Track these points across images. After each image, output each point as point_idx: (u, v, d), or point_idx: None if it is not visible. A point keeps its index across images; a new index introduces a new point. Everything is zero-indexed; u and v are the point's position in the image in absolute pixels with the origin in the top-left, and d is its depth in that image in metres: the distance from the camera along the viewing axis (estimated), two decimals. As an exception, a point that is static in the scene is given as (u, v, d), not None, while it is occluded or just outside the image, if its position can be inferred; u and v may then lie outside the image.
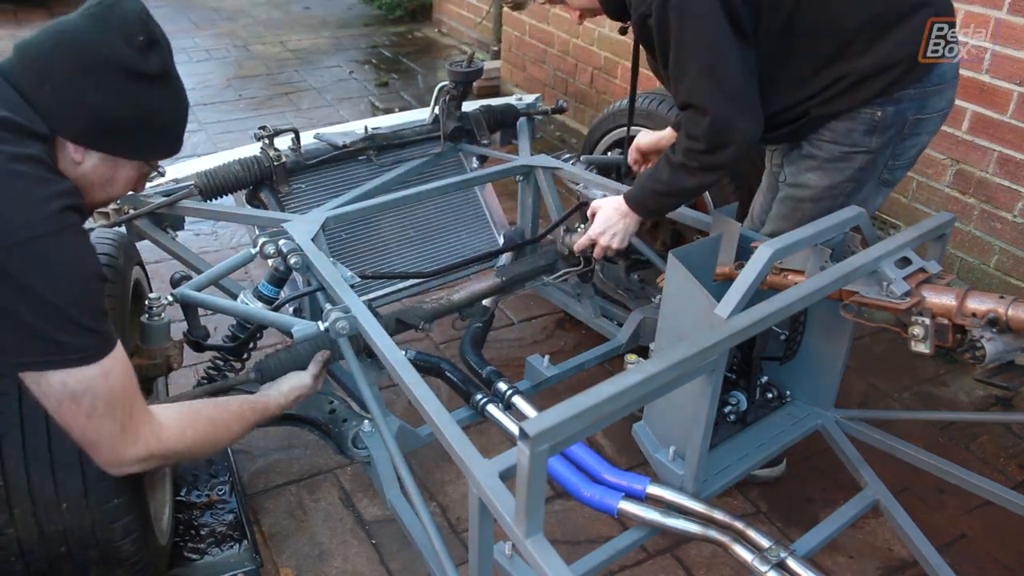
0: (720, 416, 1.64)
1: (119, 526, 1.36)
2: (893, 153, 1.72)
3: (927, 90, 1.67)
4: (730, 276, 1.60)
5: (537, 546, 1.07)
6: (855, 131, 1.68)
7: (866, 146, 1.69)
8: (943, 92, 1.70)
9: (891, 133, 1.68)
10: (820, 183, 1.76)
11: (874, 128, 1.67)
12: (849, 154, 1.70)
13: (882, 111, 1.65)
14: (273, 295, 1.86)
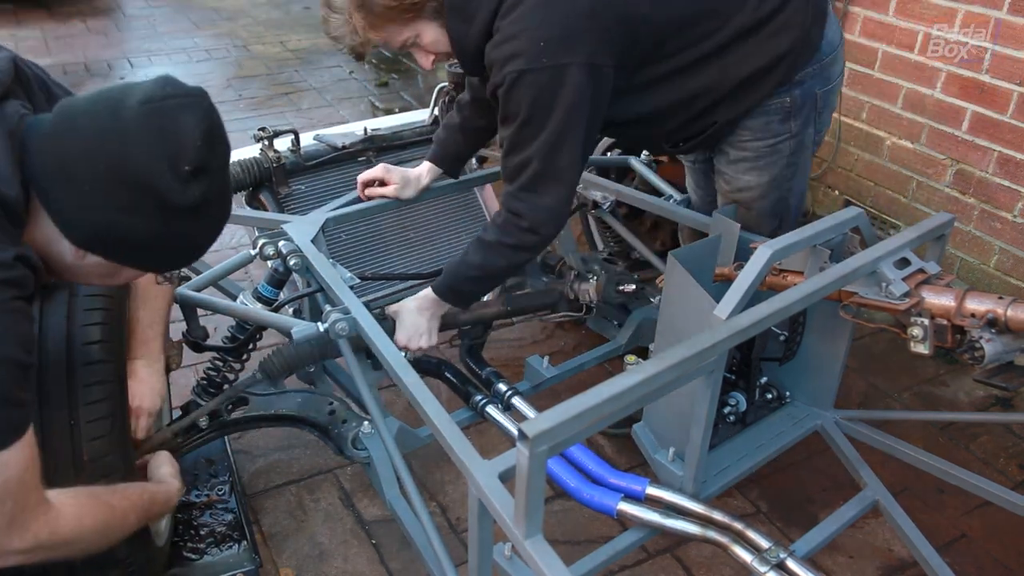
0: (720, 417, 1.64)
1: None
2: (816, 128, 1.76)
3: (823, 62, 1.68)
4: (729, 277, 1.60)
5: (536, 547, 1.07)
6: (772, 122, 1.69)
7: (788, 132, 1.71)
8: (837, 57, 1.73)
9: (806, 112, 1.70)
10: (760, 180, 1.77)
11: (788, 113, 1.69)
12: (775, 145, 1.73)
13: (790, 96, 1.67)
14: (272, 296, 1.86)
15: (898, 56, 2.81)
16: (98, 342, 1.35)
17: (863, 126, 3.03)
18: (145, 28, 6.05)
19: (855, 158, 3.09)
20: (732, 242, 1.63)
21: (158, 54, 5.45)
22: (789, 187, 1.80)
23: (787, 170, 1.76)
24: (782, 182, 1.78)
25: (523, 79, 1.47)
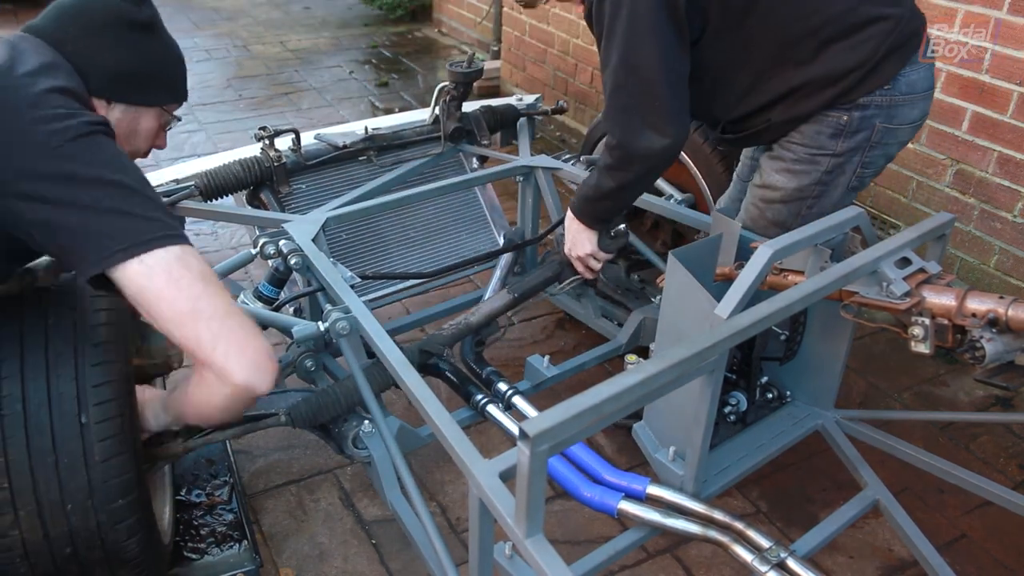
0: (720, 416, 1.64)
1: (124, 527, 1.36)
2: (863, 161, 1.73)
3: (895, 98, 1.66)
4: (730, 276, 1.60)
5: (537, 546, 1.07)
6: (822, 134, 1.69)
7: (832, 149, 1.70)
8: (914, 103, 1.70)
9: (859, 138, 1.68)
10: (788, 185, 1.77)
11: (840, 131, 1.67)
12: (815, 156, 1.71)
13: (848, 116, 1.66)
14: (273, 295, 1.86)
15: (898, 56, 2.81)
16: (105, 343, 1.35)
17: (863, 126, 3.03)
18: (145, 28, 6.04)
19: (855, 158, 3.09)
20: (733, 242, 1.63)
21: (158, 54, 5.44)
22: (810, 204, 1.78)
23: (815, 186, 1.75)
24: (807, 196, 1.77)
25: None
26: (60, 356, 1.32)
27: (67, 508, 1.31)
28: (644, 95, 1.60)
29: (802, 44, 1.62)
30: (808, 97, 1.66)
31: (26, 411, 1.29)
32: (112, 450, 1.32)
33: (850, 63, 1.61)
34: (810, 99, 1.66)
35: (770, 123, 1.73)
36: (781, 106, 1.69)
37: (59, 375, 1.31)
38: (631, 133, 1.64)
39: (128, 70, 1.37)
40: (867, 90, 1.63)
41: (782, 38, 1.63)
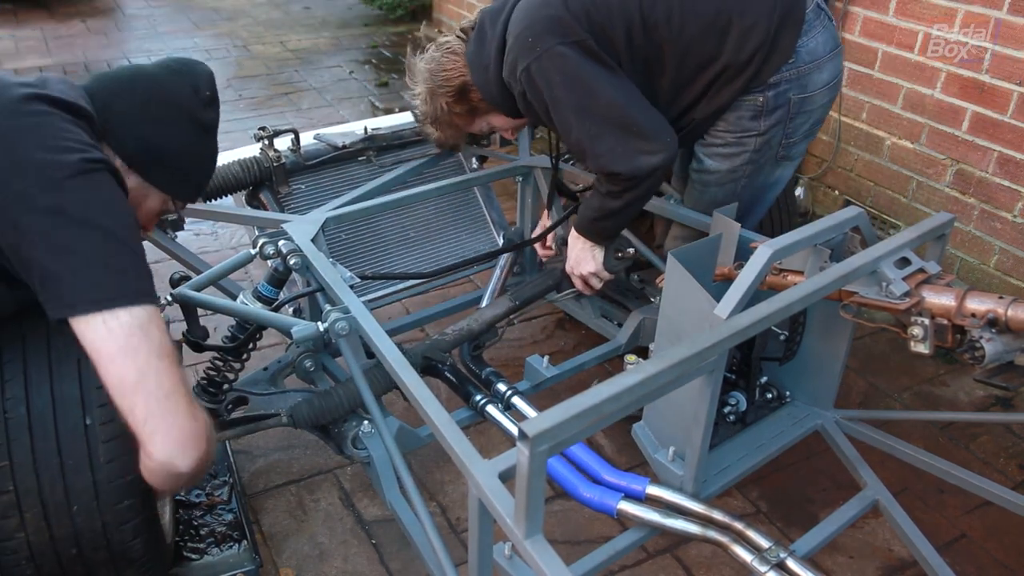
0: (720, 416, 1.64)
1: (129, 527, 1.37)
2: (785, 132, 1.83)
3: (801, 68, 1.76)
4: (730, 276, 1.60)
5: (537, 546, 1.07)
6: (743, 118, 1.79)
7: (756, 129, 1.80)
8: (822, 67, 1.79)
9: (778, 114, 1.78)
10: (721, 167, 1.88)
11: (759, 112, 1.77)
12: (742, 139, 1.82)
13: (763, 96, 1.76)
14: (273, 296, 1.86)
15: (898, 56, 2.81)
16: None
17: (863, 126, 3.03)
18: (145, 28, 6.05)
19: (855, 158, 3.09)
20: (732, 242, 1.63)
21: (158, 54, 5.45)
22: (745, 183, 1.89)
23: (747, 165, 1.86)
24: (740, 176, 1.88)
25: (530, 75, 1.69)
26: (63, 358, 1.32)
27: (72, 509, 1.31)
28: (619, 128, 1.69)
29: (704, 41, 1.70)
30: (722, 89, 1.75)
31: (30, 414, 1.29)
32: (117, 451, 1.32)
33: (750, 47, 1.69)
34: (724, 90, 1.75)
35: (694, 121, 1.82)
36: (702, 103, 1.78)
37: (62, 377, 1.31)
38: (627, 163, 1.70)
39: (166, 152, 1.38)
40: (773, 68, 1.72)
41: (686, 41, 1.70)
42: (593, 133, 1.69)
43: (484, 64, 1.80)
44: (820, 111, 1.86)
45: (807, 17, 1.75)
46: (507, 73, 1.75)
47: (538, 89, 1.70)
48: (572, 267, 2.02)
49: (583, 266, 2.00)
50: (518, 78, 1.71)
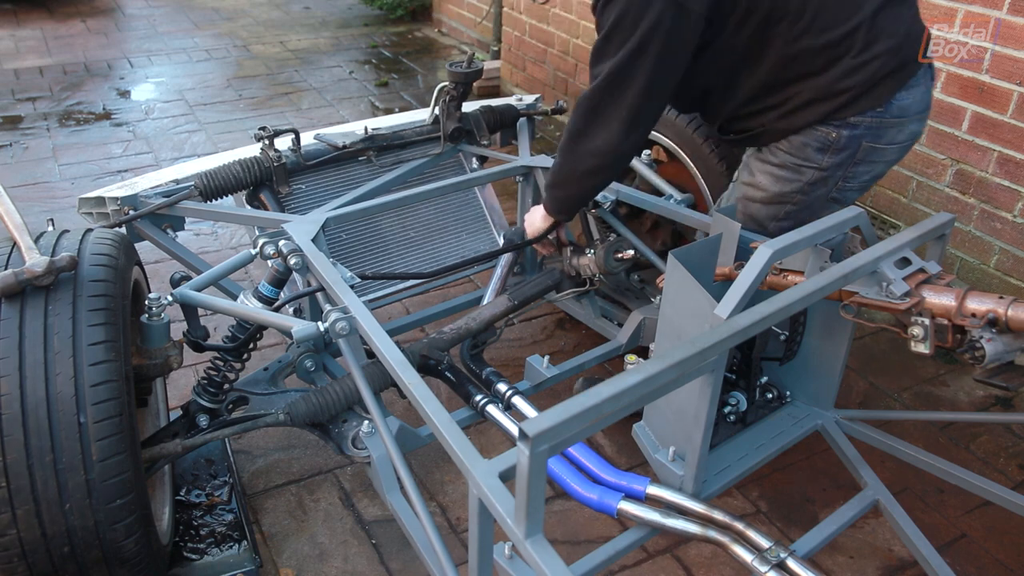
0: (720, 416, 1.64)
1: (122, 526, 1.37)
2: (845, 175, 1.78)
3: (885, 120, 1.70)
4: (730, 276, 1.60)
5: (537, 546, 1.07)
6: (809, 146, 1.74)
7: (817, 163, 1.75)
8: (903, 126, 1.73)
9: (844, 155, 1.73)
10: (771, 188, 1.83)
11: (827, 147, 1.72)
12: (800, 167, 1.77)
13: (837, 132, 1.70)
14: (273, 295, 1.86)
15: (898, 56, 2.81)
16: (103, 342, 1.35)
17: (863, 126, 3.03)
18: (145, 28, 6.05)
19: (855, 158, 3.09)
20: (732, 242, 1.63)
21: (158, 54, 5.45)
22: (788, 209, 1.84)
23: (796, 194, 1.80)
24: (787, 202, 1.83)
25: None
26: (59, 356, 1.32)
27: (65, 507, 1.31)
28: (617, 103, 1.67)
29: (817, 55, 1.64)
30: (805, 108, 1.70)
31: (24, 410, 1.29)
32: (110, 450, 1.32)
33: (852, 81, 1.64)
34: (807, 111, 1.70)
35: (764, 129, 1.78)
36: (778, 112, 1.73)
37: (58, 375, 1.31)
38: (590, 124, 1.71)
39: None
40: (860, 110, 1.68)
41: (799, 49, 1.64)
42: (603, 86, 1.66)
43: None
44: (884, 167, 1.81)
45: (917, 74, 1.70)
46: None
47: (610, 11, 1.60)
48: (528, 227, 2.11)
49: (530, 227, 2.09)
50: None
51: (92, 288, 1.40)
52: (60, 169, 3.80)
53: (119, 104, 4.59)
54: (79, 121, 4.35)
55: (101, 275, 1.44)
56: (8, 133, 4.16)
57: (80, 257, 1.45)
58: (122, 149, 4.04)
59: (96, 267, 1.45)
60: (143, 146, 4.08)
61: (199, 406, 1.78)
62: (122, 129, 4.27)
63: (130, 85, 4.89)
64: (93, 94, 4.74)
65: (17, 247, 1.46)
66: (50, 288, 1.37)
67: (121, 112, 4.48)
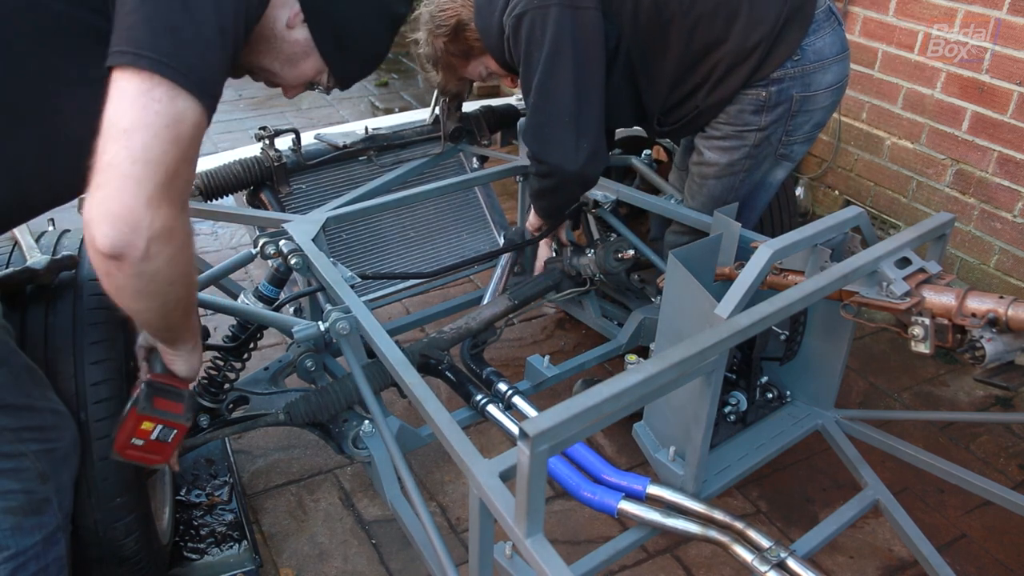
0: (720, 416, 1.64)
1: (121, 525, 1.37)
2: (786, 130, 1.85)
3: (806, 67, 1.78)
4: (730, 276, 1.60)
5: (537, 546, 1.07)
6: (744, 111, 1.81)
7: (756, 124, 1.82)
8: (826, 68, 1.81)
9: (779, 111, 1.81)
10: (720, 160, 1.90)
11: (761, 107, 1.80)
12: (742, 132, 1.84)
13: (766, 91, 1.78)
14: (273, 295, 1.86)
15: (898, 56, 2.81)
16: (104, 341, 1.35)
17: (863, 126, 3.03)
18: (145, 28, 6.03)
19: (855, 158, 3.09)
20: (733, 242, 1.63)
21: (158, 54, 5.44)
22: (743, 178, 1.92)
23: (745, 160, 1.88)
24: (739, 170, 1.90)
25: (520, 22, 1.71)
26: (59, 354, 1.32)
27: None
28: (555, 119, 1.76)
29: (714, 19, 1.73)
30: (728, 76, 1.77)
31: None
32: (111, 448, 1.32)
33: (755, 36, 1.72)
34: (730, 78, 1.77)
35: (698, 109, 1.85)
36: (704, 90, 1.81)
37: (58, 373, 1.31)
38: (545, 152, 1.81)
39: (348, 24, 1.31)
40: (777, 62, 1.75)
41: (695, 17, 1.73)
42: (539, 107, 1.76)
43: (491, 8, 1.83)
44: (822, 113, 1.87)
45: (816, 17, 1.76)
46: (504, 13, 1.78)
47: (520, 39, 1.73)
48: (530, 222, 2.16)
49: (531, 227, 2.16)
50: (508, 19, 1.74)
51: (92, 287, 1.40)
52: (60, 169, 3.79)
53: (119, 104, 4.59)
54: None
55: (101, 274, 1.44)
56: (8, 133, 4.16)
57: (81, 256, 1.45)
58: (122, 149, 4.04)
59: (96, 267, 1.45)
60: (143, 146, 4.08)
61: (200, 406, 1.78)
62: (122, 129, 4.27)
63: (130, 85, 4.88)
64: (93, 94, 4.73)
65: (18, 246, 1.47)
66: (51, 287, 1.37)
67: (121, 112, 4.48)
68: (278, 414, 1.70)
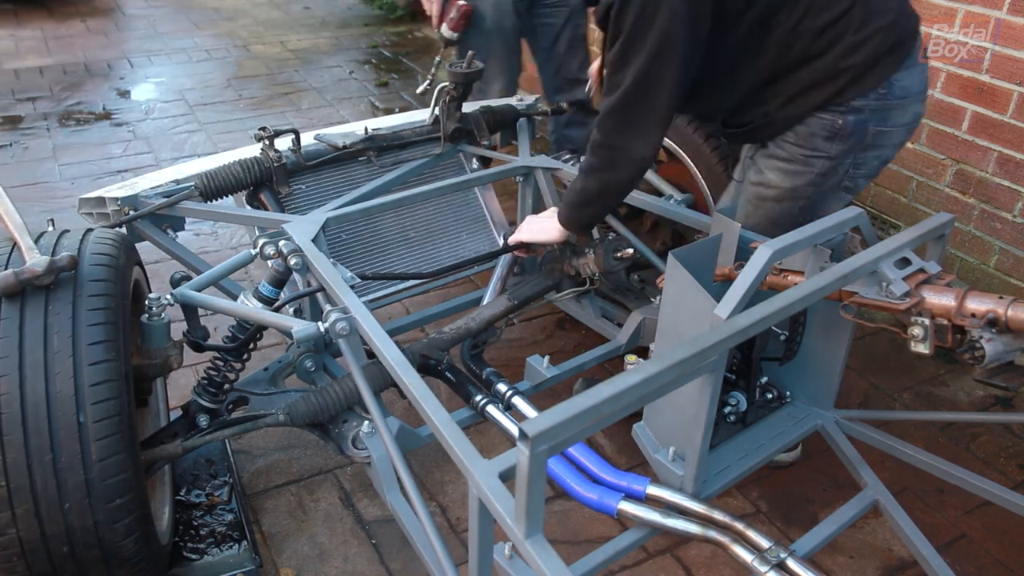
0: (720, 417, 1.64)
1: (121, 526, 1.37)
2: (855, 162, 1.77)
3: (889, 102, 1.70)
4: (730, 276, 1.60)
5: (537, 547, 1.07)
6: (816, 136, 1.73)
7: (827, 152, 1.74)
8: (906, 107, 1.73)
9: (852, 141, 1.72)
10: (782, 184, 1.81)
11: (835, 134, 1.71)
12: (810, 158, 1.76)
13: (843, 119, 1.70)
14: (273, 296, 1.86)
15: (898, 56, 2.81)
16: (103, 342, 1.35)
17: (863, 126, 3.02)
18: (145, 28, 6.05)
19: (855, 158, 3.09)
20: (732, 242, 1.63)
21: (158, 54, 5.45)
22: (803, 204, 1.82)
23: (809, 187, 1.79)
24: (800, 196, 1.81)
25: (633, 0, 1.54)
26: (58, 355, 1.32)
27: (64, 507, 1.32)
28: (649, 107, 1.64)
29: (817, 37, 1.64)
30: (808, 92, 1.69)
31: (24, 410, 1.29)
32: (110, 449, 1.32)
33: (853, 59, 1.64)
34: (809, 95, 1.69)
35: (768, 119, 1.76)
36: (780, 100, 1.72)
37: (57, 374, 1.31)
38: (623, 136, 1.67)
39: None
40: (861, 91, 1.67)
41: (799, 31, 1.64)
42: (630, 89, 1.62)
43: None
44: (891, 151, 1.81)
45: (913, 53, 1.69)
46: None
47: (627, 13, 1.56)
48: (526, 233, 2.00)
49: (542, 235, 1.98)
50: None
51: (92, 288, 1.40)
52: (60, 169, 3.80)
53: (119, 104, 4.59)
54: (79, 121, 4.35)
55: (101, 275, 1.44)
56: (8, 133, 4.17)
57: (80, 257, 1.45)
58: (122, 149, 4.05)
59: (96, 267, 1.45)
60: (143, 146, 4.08)
61: (199, 406, 1.78)
62: (122, 129, 4.27)
63: (130, 85, 4.89)
64: (93, 94, 4.74)
65: (17, 247, 1.47)
66: (50, 288, 1.37)
67: (121, 112, 4.48)
68: (278, 415, 1.70)
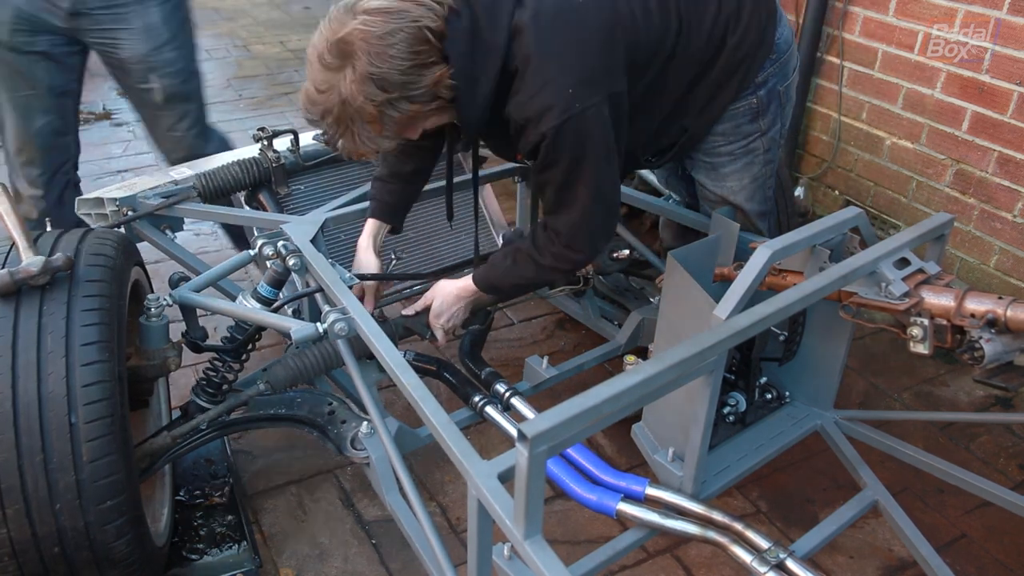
0: (719, 417, 1.64)
1: (112, 528, 1.36)
2: (782, 122, 1.82)
3: (780, 59, 1.74)
4: (729, 277, 1.60)
5: (536, 547, 1.07)
6: (741, 124, 1.76)
7: (759, 130, 1.78)
8: (792, 53, 1.79)
9: (773, 107, 1.77)
10: (743, 182, 1.84)
11: (756, 113, 1.75)
12: (748, 145, 1.79)
13: (755, 97, 1.73)
14: (272, 296, 1.86)
15: (898, 56, 2.81)
16: (96, 342, 1.35)
17: (863, 126, 3.03)
18: (145, 28, 6.04)
19: (855, 158, 3.09)
20: (732, 242, 1.63)
21: (158, 54, 5.44)
22: (771, 184, 1.88)
23: (766, 167, 1.84)
24: (764, 180, 1.85)
25: (564, 128, 1.46)
26: (51, 355, 1.32)
27: (55, 507, 1.31)
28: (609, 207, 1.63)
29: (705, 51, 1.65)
30: (715, 95, 1.71)
31: (16, 410, 1.29)
32: (101, 451, 1.32)
33: (743, 51, 1.67)
34: (718, 97, 1.71)
35: (688, 132, 1.76)
36: (692, 114, 1.73)
37: (50, 374, 1.31)
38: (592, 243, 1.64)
39: None
40: (759, 66, 1.70)
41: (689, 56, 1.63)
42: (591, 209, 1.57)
43: (475, 75, 1.47)
44: (795, 93, 1.87)
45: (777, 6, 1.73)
46: (524, 112, 1.49)
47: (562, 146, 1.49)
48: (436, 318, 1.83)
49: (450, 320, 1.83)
50: (541, 129, 1.47)
51: (87, 288, 1.40)
52: (60, 169, 3.79)
53: (119, 104, 4.59)
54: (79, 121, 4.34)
55: (97, 275, 1.44)
56: (8, 133, 4.16)
57: (77, 257, 1.45)
58: (122, 149, 4.04)
59: (92, 267, 1.45)
60: (143, 146, 4.07)
61: (198, 407, 1.78)
62: (122, 129, 4.27)
63: (130, 85, 4.88)
64: (93, 94, 4.73)
65: (15, 247, 1.47)
66: (46, 288, 1.37)
67: (121, 112, 4.48)
68: (259, 384, 1.70)
